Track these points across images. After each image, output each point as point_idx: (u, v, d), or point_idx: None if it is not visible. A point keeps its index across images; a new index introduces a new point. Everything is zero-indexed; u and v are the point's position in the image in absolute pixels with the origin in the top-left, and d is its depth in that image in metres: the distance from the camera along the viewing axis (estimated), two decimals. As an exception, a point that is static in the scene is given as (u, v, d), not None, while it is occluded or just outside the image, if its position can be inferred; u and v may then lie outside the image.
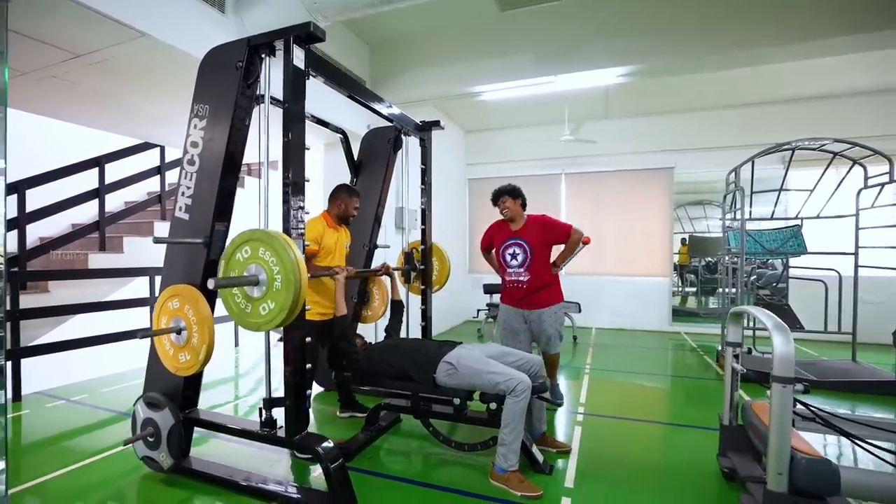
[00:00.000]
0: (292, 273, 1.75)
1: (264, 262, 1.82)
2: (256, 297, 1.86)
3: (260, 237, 1.84)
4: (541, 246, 2.99)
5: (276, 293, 1.81)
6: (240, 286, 1.88)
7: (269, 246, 1.81)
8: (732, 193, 4.50)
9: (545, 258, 3.03)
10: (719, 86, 5.71)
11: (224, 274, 1.93)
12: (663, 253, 6.83)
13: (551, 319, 3.02)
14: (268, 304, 1.84)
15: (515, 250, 3.03)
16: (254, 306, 1.88)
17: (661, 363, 5.13)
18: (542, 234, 3.00)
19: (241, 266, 1.88)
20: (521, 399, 2.16)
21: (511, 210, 3.03)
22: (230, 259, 1.92)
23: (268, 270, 1.82)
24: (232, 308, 1.94)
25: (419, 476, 2.38)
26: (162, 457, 2.23)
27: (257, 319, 1.87)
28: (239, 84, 2.14)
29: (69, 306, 3.83)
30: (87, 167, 4.37)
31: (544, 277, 2.99)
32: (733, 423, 2.37)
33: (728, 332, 2.40)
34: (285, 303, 1.78)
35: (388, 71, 4.74)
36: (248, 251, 1.87)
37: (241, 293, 1.90)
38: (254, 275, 1.84)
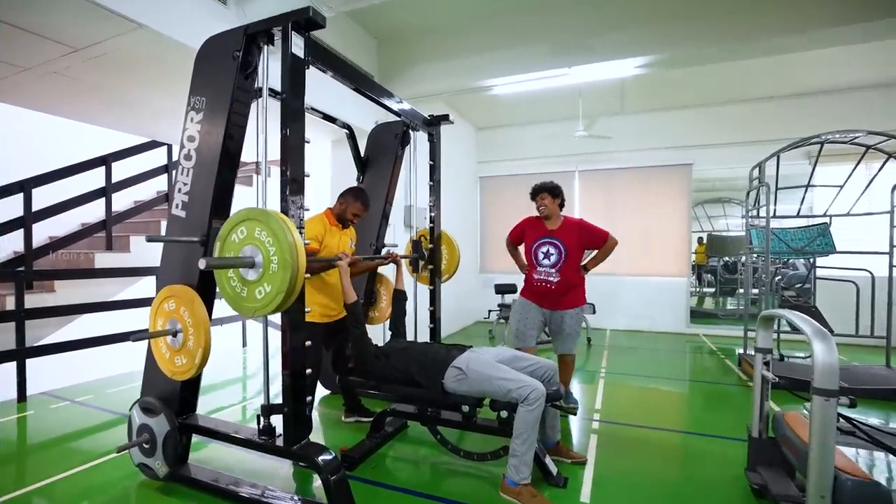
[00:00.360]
0: (289, 254, 1.64)
1: (260, 243, 1.72)
2: (252, 279, 1.75)
3: (256, 216, 1.74)
4: (576, 249, 2.96)
5: (272, 276, 1.70)
6: (234, 268, 1.77)
7: (265, 226, 1.71)
8: (756, 190, 4.29)
9: (577, 261, 3.00)
10: (739, 79, 5.48)
11: (220, 256, 1.83)
12: (681, 252, 6.61)
13: (573, 321, 3.00)
14: (264, 288, 1.73)
15: (550, 249, 2.98)
16: (249, 290, 1.77)
17: (680, 367, 4.94)
18: (579, 237, 2.96)
19: (236, 248, 1.78)
20: (535, 408, 2.02)
21: (548, 208, 2.99)
22: (225, 240, 1.82)
23: (264, 252, 1.71)
24: (227, 291, 1.83)
25: (426, 487, 2.25)
26: (157, 464, 2.14)
27: (253, 304, 1.77)
28: (236, 75, 2.04)
29: (75, 306, 3.79)
30: (93, 166, 4.35)
31: (573, 279, 2.96)
32: (763, 436, 2.20)
33: (757, 336, 2.24)
34: (282, 286, 1.67)
35: (396, 65, 4.62)
36: (243, 232, 1.77)
37: (236, 276, 1.80)
38: (249, 256, 1.73)
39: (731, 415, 3.39)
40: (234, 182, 2.18)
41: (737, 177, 8.58)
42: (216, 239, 1.85)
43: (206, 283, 2.10)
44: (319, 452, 1.90)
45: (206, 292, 2.07)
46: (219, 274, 1.84)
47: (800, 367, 3.97)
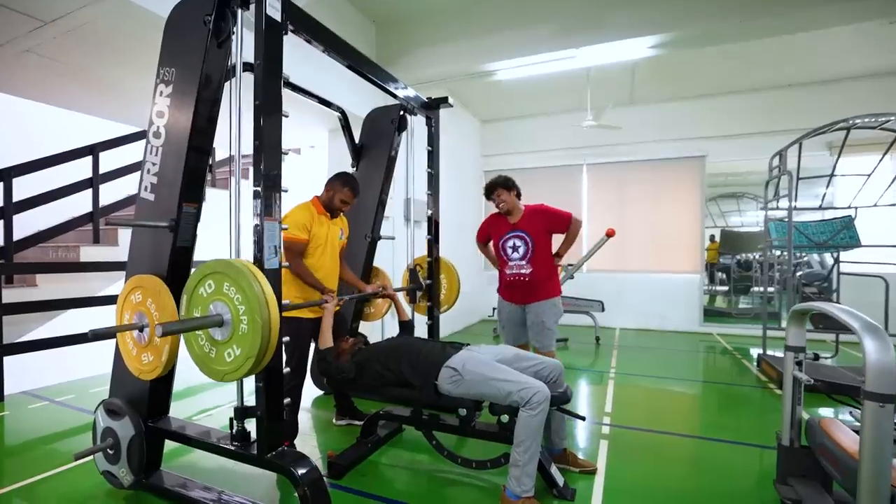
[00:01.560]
0: (259, 314, 1.45)
1: (229, 299, 1.53)
2: (221, 340, 1.56)
3: (223, 269, 1.54)
4: (542, 235, 2.83)
5: (242, 337, 1.51)
6: (197, 329, 1.58)
7: (233, 281, 1.51)
8: (777, 180, 4.03)
9: (547, 249, 2.86)
10: (755, 66, 5.22)
11: (187, 311, 1.64)
12: (694, 248, 6.35)
13: (550, 313, 2.82)
14: (233, 350, 1.54)
15: (516, 242, 2.86)
16: (219, 351, 1.59)
17: (694, 367, 4.69)
18: (542, 223, 2.84)
19: (204, 303, 1.60)
20: (538, 412, 1.80)
21: (507, 203, 2.86)
22: (192, 294, 1.63)
23: (233, 310, 1.52)
24: (195, 351, 1.65)
25: (419, 499, 2.05)
26: (122, 472, 1.95)
27: (223, 367, 1.58)
28: (208, 42, 1.84)
29: (57, 301, 3.62)
30: (80, 155, 4.18)
31: (545, 268, 2.83)
32: (796, 444, 1.97)
33: (788, 334, 2.00)
34: (252, 350, 1.48)
35: (395, 50, 4.41)
36: (211, 286, 1.58)
37: (204, 335, 1.61)
38: (216, 315, 1.54)
39: (752, 419, 3.15)
40: (206, 161, 1.99)
41: (751, 170, 8.29)
42: (183, 292, 1.66)
43: (177, 274, 1.91)
44: (296, 462, 1.70)
45: (176, 283, 1.87)
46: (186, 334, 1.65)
47: (829, 368, 3.70)
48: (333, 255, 2.56)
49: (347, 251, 2.86)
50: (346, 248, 2.81)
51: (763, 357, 4.22)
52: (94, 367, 3.93)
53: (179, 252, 1.93)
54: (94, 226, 4.26)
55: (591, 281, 6.44)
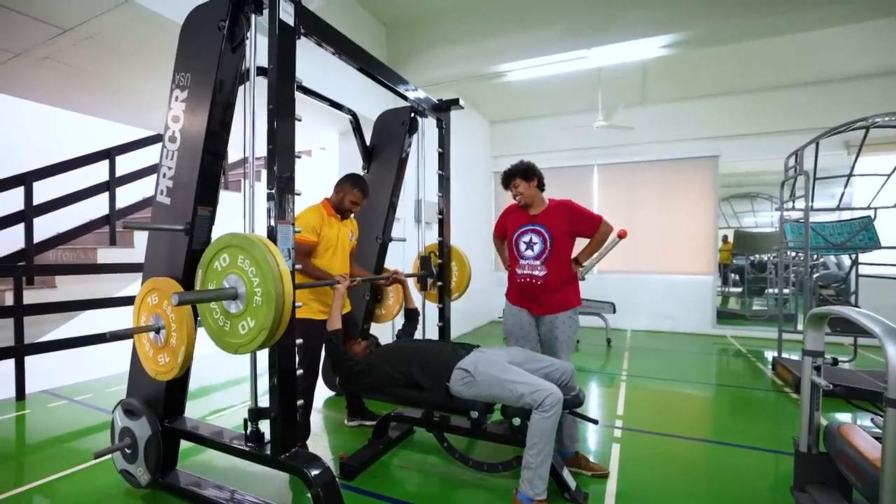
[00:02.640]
0: (273, 286, 1.46)
1: (243, 272, 1.54)
2: (235, 313, 1.58)
3: (238, 242, 1.56)
4: (563, 236, 2.42)
5: (255, 310, 1.53)
6: (213, 301, 1.60)
7: (248, 253, 1.53)
8: (793, 180, 3.96)
9: (567, 252, 2.46)
10: (769, 65, 5.14)
11: (202, 285, 1.66)
12: (707, 249, 6.26)
13: (565, 326, 2.43)
14: (247, 322, 1.56)
15: (533, 238, 2.46)
16: (233, 324, 1.60)
17: (707, 370, 4.63)
18: (566, 221, 2.43)
19: (219, 277, 1.61)
20: (552, 415, 1.79)
21: (525, 195, 2.47)
22: (208, 268, 1.65)
23: (247, 283, 1.54)
24: (209, 324, 1.67)
25: (431, 501, 2.05)
26: (139, 471, 1.98)
27: (236, 340, 1.59)
28: (222, 47, 1.87)
29: (76, 302, 3.69)
30: (97, 159, 4.26)
31: (563, 274, 2.42)
32: (814, 451, 1.93)
33: (805, 337, 1.96)
34: (265, 321, 1.49)
35: (405, 52, 4.42)
36: (226, 259, 1.60)
37: (219, 308, 1.63)
38: (231, 287, 1.56)
39: (766, 424, 3.10)
40: (221, 167, 2.02)
41: (766, 170, 8.17)
42: (198, 266, 1.68)
43: (193, 276, 1.93)
44: (309, 463, 1.71)
45: (191, 286, 1.89)
46: (201, 305, 1.67)
47: (848, 372, 3.63)
48: (344, 257, 2.57)
49: (358, 253, 2.87)
50: (357, 249, 2.83)
51: (778, 360, 4.15)
52: (110, 367, 4.00)
53: (195, 255, 1.94)
54: (110, 228, 4.34)
55: (602, 282, 6.39)
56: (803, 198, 3.77)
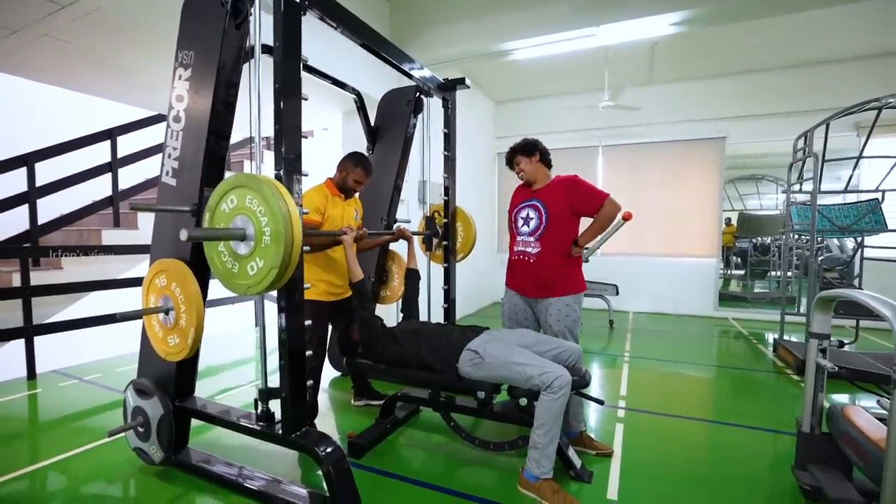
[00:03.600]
0: (283, 225, 1.45)
1: (251, 212, 1.53)
2: (244, 254, 1.57)
3: (246, 182, 1.54)
4: (562, 212, 2.25)
5: (264, 249, 1.51)
6: (221, 240, 1.59)
7: (256, 193, 1.51)
8: (801, 162, 3.92)
9: (566, 230, 2.28)
10: (780, 43, 5.01)
11: (209, 227, 1.65)
12: (711, 232, 6.24)
13: (560, 314, 2.24)
14: (256, 263, 1.54)
15: (529, 213, 2.31)
16: (241, 265, 1.59)
17: (709, 351, 4.67)
18: (566, 196, 2.26)
19: (226, 218, 1.59)
20: (560, 396, 1.81)
21: (527, 171, 2.35)
22: (215, 210, 1.63)
23: (255, 223, 1.52)
24: (218, 267, 1.66)
25: (437, 479, 2.09)
26: (153, 449, 2.02)
27: (245, 280, 1.59)
28: (225, 24, 1.83)
29: (83, 283, 3.71)
30: (98, 139, 4.22)
31: (560, 255, 2.26)
32: (816, 431, 1.96)
33: (812, 320, 1.97)
34: (275, 260, 1.48)
35: (409, 30, 4.32)
36: (233, 200, 1.58)
37: (227, 250, 1.61)
38: (239, 228, 1.55)
39: (767, 404, 3.14)
40: (226, 147, 1.99)
41: (772, 152, 8.07)
42: (205, 210, 1.66)
43: (200, 258, 1.93)
44: (320, 441, 1.74)
45: (199, 267, 1.90)
46: (209, 247, 1.67)
47: (850, 354, 3.65)
48: (350, 237, 2.56)
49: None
50: (361, 228, 2.81)
51: (780, 342, 4.18)
52: (118, 348, 4.04)
53: (202, 236, 1.95)
54: (114, 210, 4.33)
55: (605, 264, 6.39)
56: (811, 180, 3.73)
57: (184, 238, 1.44)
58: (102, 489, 2.02)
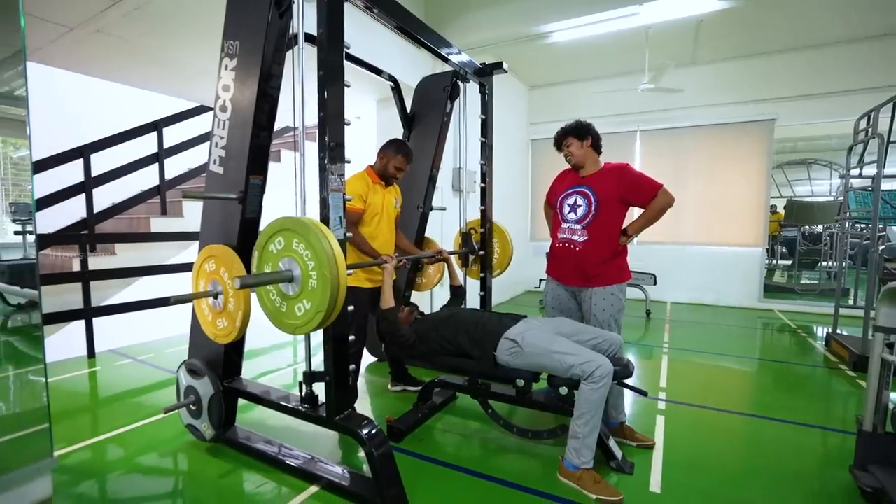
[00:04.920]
0: (328, 269, 1.47)
1: (298, 255, 1.56)
2: (291, 295, 1.61)
3: (291, 226, 1.57)
4: (613, 201, 2.19)
5: (311, 292, 1.54)
6: (270, 284, 1.63)
7: (302, 237, 1.54)
8: (863, 144, 3.66)
9: (615, 219, 2.22)
10: (836, 15, 4.64)
11: (258, 267, 1.70)
12: (756, 219, 5.95)
13: (605, 303, 2.20)
14: (303, 304, 1.58)
15: (577, 200, 2.25)
16: (289, 305, 1.63)
17: (753, 344, 4.49)
18: (618, 185, 2.21)
19: (274, 259, 1.63)
20: (601, 386, 1.78)
21: (576, 155, 2.27)
22: (263, 251, 1.68)
23: (302, 266, 1.55)
24: (267, 306, 1.71)
25: (475, 464, 2.10)
26: (204, 426, 2.12)
27: (294, 321, 1.63)
28: (270, 12, 1.85)
29: (136, 269, 3.91)
30: (146, 131, 4.40)
31: (608, 244, 2.20)
32: (879, 430, 1.85)
33: (878, 313, 1.85)
34: (321, 304, 1.51)
35: (444, 14, 4.27)
36: (280, 242, 1.61)
37: (275, 290, 1.66)
38: (287, 270, 1.58)
39: (818, 400, 3.00)
40: (271, 134, 2.03)
41: (825, 135, 7.59)
42: (254, 248, 1.71)
43: (246, 244, 1.99)
44: (363, 424, 1.78)
45: (245, 253, 1.96)
46: (258, 287, 1.70)
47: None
48: (390, 224, 2.59)
49: (400, 221, 2.88)
50: (400, 217, 2.83)
51: (833, 336, 3.96)
52: (167, 330, 4.25)
53: (248, 223, 2.01)
54: (161, 198, 4.52)
55: (642, 253, 6.22)
56: (873, 164, 3.48)
57: (237, 287, 1.50)
58: (159, 462, 2.14)
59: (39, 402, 1.88)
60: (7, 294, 2.71)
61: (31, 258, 3.77)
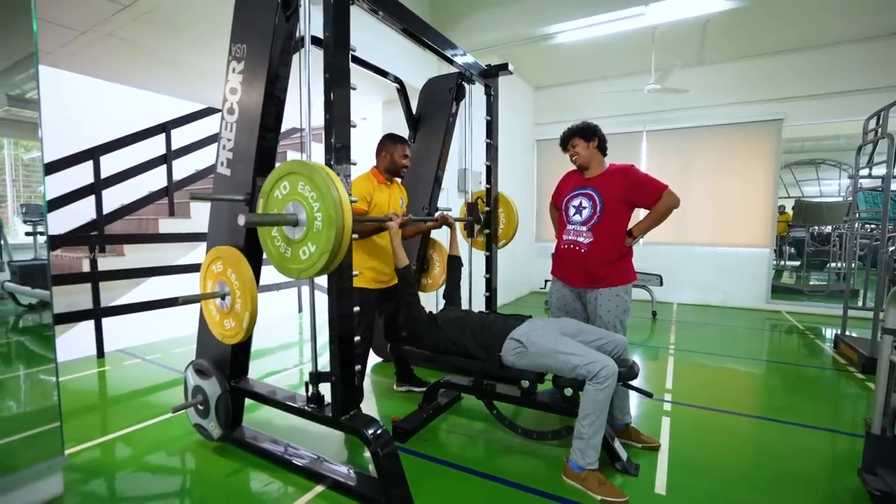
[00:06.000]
0: (334, 210, 1.47)
1: (304, 198, 1.56)
2: (296, 239, 1.61)
3: (298, 169, 1.57)
4: (618, 203, 2.21)
5: (316, 234, 1.54)
6: (275, 225, 1.63)
7: (308, 179, 1.54)
8: (872, 144, 3.62)
9: (619, 221, 2.24)
10: (846, 13, 4.59)
11: (262, 213, 1.71)
12: (764, 220, 5.90)
13: (611, 304, 2.21)
14: (308, 248, 1.58)
15: (583, 202, 2.26)
16: (294, 250, 1.63)
17: (761, 346, 4.45)
18: (622, 187, 2.22)
19: (279, 204, 1.63)
20: (606, 386, 1.79)
21: (582, 156, 2.28)
22: (268, 196, 1.67)
23: (308, 208, 1.55)
24: (271, 251, 1.71)
25: (480, 465, 2.10)
26: (211, 426, 2.14)
27: (297, 265, 1.63)
28: (276, 16, 1.87)
29: (145, 269, 3.95)
30: (154, 133, 4.45)
31: (613, 246, 2.21)
32: (888, 433, 1.83)
33: (887, 315, 1.83)
34: (326, 245, 1.51)
35: (449, 15, 4.28)
36: (286, 187, 1.61)
37: (280, 235, 1.66)
38: (292, 213, 1.59)
39: (825, 403, 2.97)
40: (277, 136, 2.05)
41: (834, 135, 7.51)
42: (258, 196, 1.72)
43: (253, 245, 2.01)
44: (368, 424, 1.79)
45: (252, 254, 1.98)
46: (262, 233, 1.72)
47: None
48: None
49: (406, 223, 2.88)
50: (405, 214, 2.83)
51: (842, 338, 3.93)
52: (174, 331, 4.29)
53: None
54: (169, 200, 4.57)
55: (648, 254, 6.19)
56: (883, 164, 3.45)
57: (241, 223, 1.49)
58: (166, 461, 2.16)
59: (50, 401, 1.92)
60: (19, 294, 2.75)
61: (42, 259, 3.82)
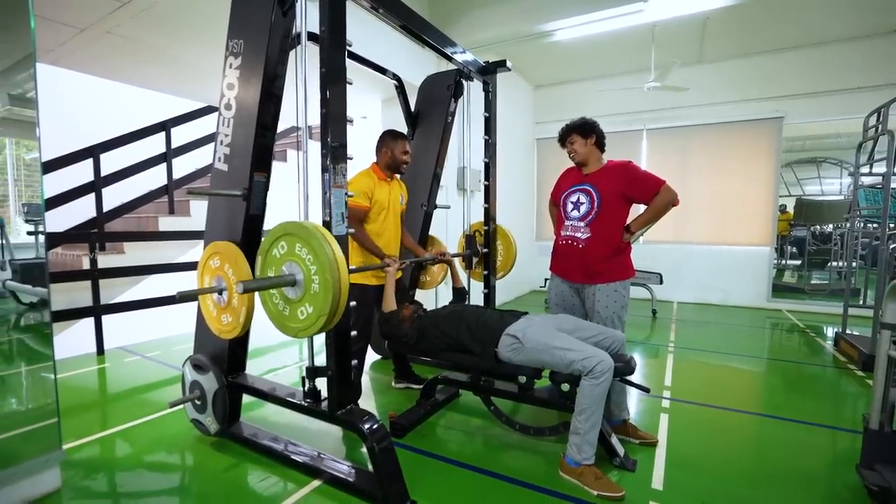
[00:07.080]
0: (330, 273, 1.48)
1: (301, 259, 1.57)
2: (294, 298, 1.63)
3: (295, 231, 1.59)
4: (615, 198, 2.21)
5: (313, 296, 1.56)
6: (273, 287, 1.65)
7: (305, 242, 1.55)
8: (873, 142, 3.61)
9: (617, 217, 2.24)
10: (847, 10, 4.57)
11: (261, 271, 1.72)
12: (764, 218, 5.89)
13: (609, 300, 2.21)
14: (306, 308, 1.59)
15: (580, 198, 2.26)
16: (292, 309, 1.65)
17: (761, 344, 4.44)
18: (620, 182, 2.22)
19: (277, 263, 1.65)
20: (602, 381, 1.78)
21: (580, 152, 2.29)
22: (267, 255, 1.70)
23: (305, 270, 1.57)
24: (270, 309, 1.73)
25: (478, 460, 2.10)
26: (209, 421, 2.14)
27: (295, 324, 1.64)
28: (273, 11, 1.87)
29: (145, 267, 3.96)
30: (154, 131, 4.47)
31: (610, 242, 2.21)
32: (886, 429, 1.83)
33: (885, 310, 1.83)
34: (324, 307, 1.52)
35: (448, 12, 4.27)
36: (283, 247, 1.63)
37: (278, 293, 1.68)
38: (289, 275, 1.60)
39: (826, 400, 2.97)
40: (274, 132, 2.05)
41: (834, 133, 7.49)
42: (257, 253, 1.73)
43: (250, 240, 2.02)
44: (364, 419, 1.79)
45: (250, 249, 1.98)
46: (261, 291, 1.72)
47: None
48: (395, 221, 2.60)
49: (406, 218, 2.89)
50: (405, 215, 2.84)
51: (842, 336, 3.92)
52: (174, 328, 4.30)
53: (252, 220, 2.03)
54: (169, 198, 4.58)
55: (648, 252, 6.19)
56: (883, 161, 3.44)
57: (240, 291, 1.53)
58: (164, 457, 2.17)
59: (49, 397, 1.92)
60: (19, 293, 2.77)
61: (41, 257, 3.83)
